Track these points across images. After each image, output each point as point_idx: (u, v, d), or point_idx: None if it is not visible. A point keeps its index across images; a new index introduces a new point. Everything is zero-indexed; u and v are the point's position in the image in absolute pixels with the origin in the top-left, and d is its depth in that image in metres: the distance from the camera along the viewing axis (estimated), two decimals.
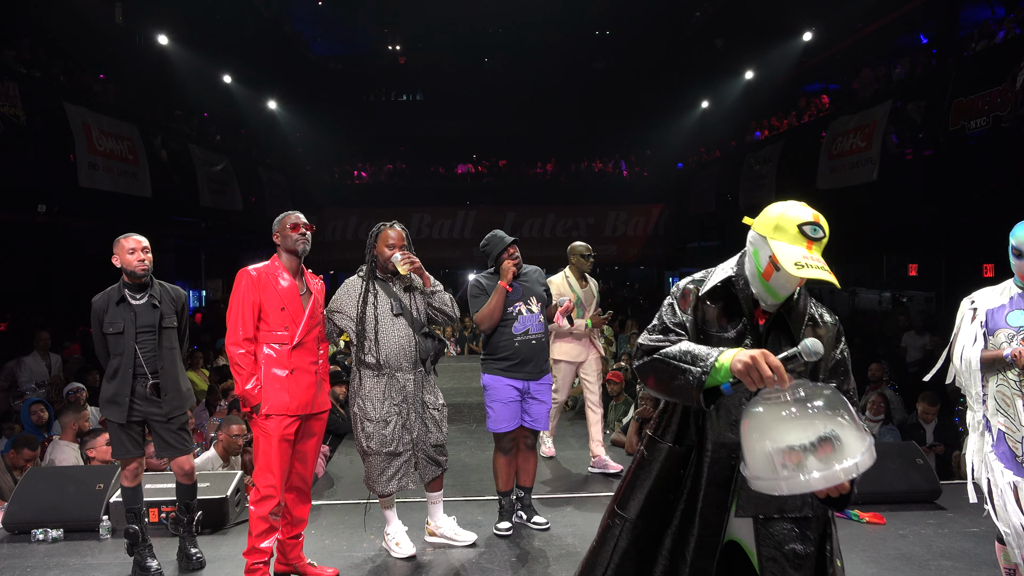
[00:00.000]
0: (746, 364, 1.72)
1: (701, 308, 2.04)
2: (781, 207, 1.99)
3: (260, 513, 3.31)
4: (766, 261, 1.93)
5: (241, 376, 3.35)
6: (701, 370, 1.81)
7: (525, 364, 4.10)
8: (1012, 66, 7.42)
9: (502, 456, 4.17)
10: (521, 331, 4.10)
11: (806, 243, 1.90)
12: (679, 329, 2.00)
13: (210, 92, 14.17)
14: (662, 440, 2.05)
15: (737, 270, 2.05)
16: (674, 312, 2.05)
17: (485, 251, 4.23)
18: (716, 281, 2.05)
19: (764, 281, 1.95)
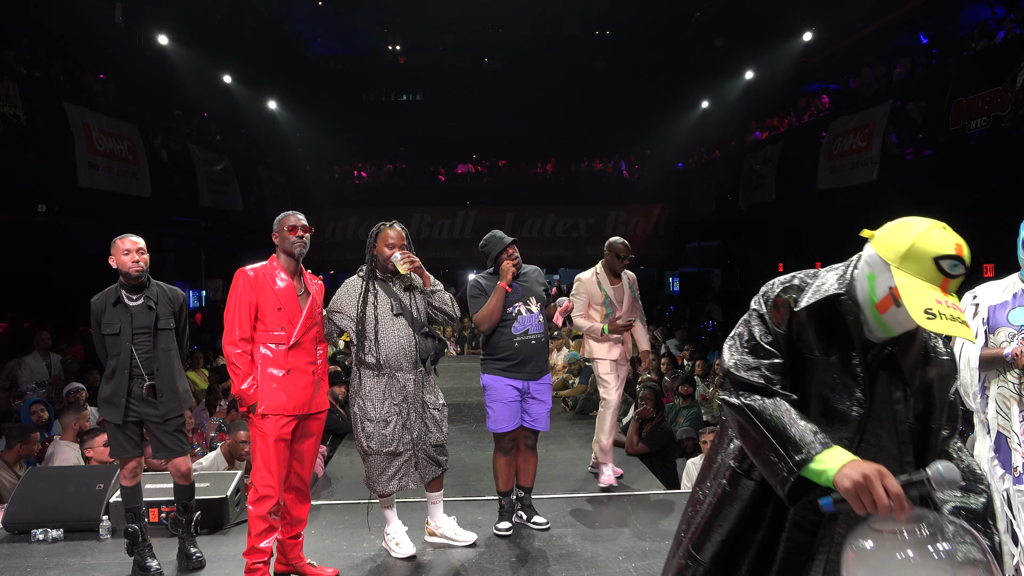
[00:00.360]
0: (856, 484, 1.42)
1: (796, 323, 1.69)
2: (916, 229, 1.58)
3: (259, 513, 3.31)
4: (884, 292, 1.57)
5: (237, 376, 3.35)
6: (794, 463, 1.52)
7: (525, 364, 4.08)
8: (1012, 66, 7.42)
9: (502, 456, 4.15)
10: (521, 331, 4.08)
11: (941, 280, 1.52)
12: (772, 348, 1.69)
13: (210, 92, 14.17)
14: (748, 476, 1.74)
15: (845, 288, 1.67)
16: (764, 324, 1.72)
17: (484, 251, 4.22)
18: (819, 297, 1.68)
19: (876, 312, 1.60)
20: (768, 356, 1.68)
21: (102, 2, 11.22)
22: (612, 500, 4.74)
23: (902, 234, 1.59)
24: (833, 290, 1.67)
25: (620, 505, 4.60)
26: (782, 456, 1.54)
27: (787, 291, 1.74)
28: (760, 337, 1.71)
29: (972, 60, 8.55)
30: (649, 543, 3.95)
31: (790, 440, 1.54)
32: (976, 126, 7.94)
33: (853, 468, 1.45)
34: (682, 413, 6.69)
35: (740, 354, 1.72)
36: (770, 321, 1.72)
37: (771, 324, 1.71)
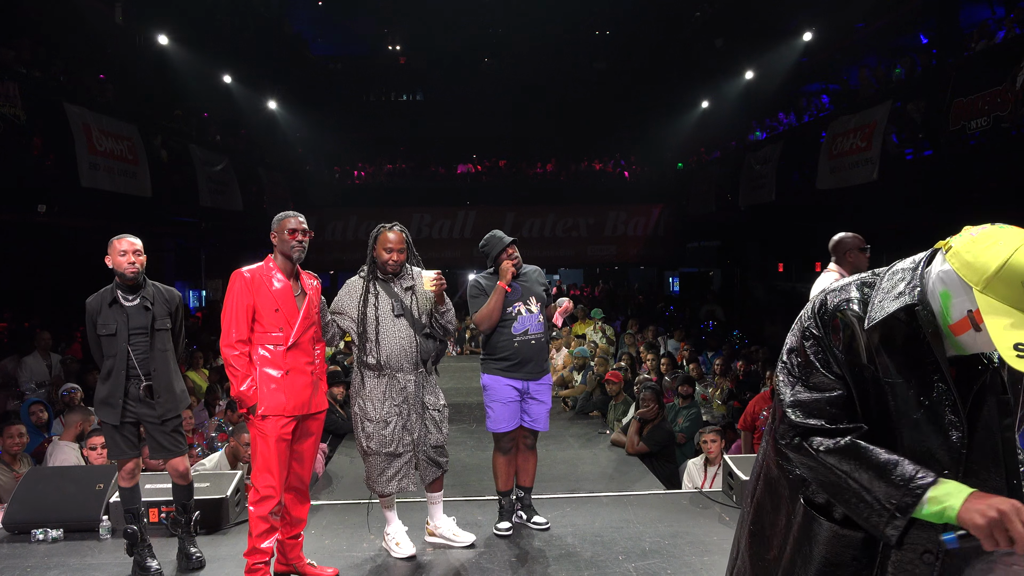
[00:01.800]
0: (991, 521, 1.26)
1: (867, 343, 1.45)
2: (1007, 246, 1.31)
3: (260, 513, 3.31)
4: (961, 315, 1.36)
5: (236, 378, 3.35)
6: (899, 507, 1.35)
7: (525, 364, 4.05)
8: (1012, 66, 7.41)
9: (502, 456, 4.14)
10: (520, 331, 4.05)
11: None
12: (834, 379, 1.47)
13: (210, 92, 14.18)
14: (828, 516, 1.51)
15: (918, 297, 1.42)
16: (823, 350, 1.49)
17: (484, 251, 4.20)
18: (890, 311, 1.43)
19: (950, 333, 1.39)
20: (830, 389, 1.47)
21: (102, 2, 11.24)
22: (612, 500, 4.74)
23: (989, 251, 1.31)
24: (906, 300, 1.43)
25: (620, 505, 4.60)
26: (880, 501, 1.37)
27: (847, 305, 1.48)
28: (820, 367, 1.48)
29: (972, 60, 8.55)
30: (649, 543, 3.95)
31: (886, 481, 1.36)
32: (976, 126, 7.94)
33: (981, 502, 1.29)
34: (682, 413, 6.69)
35: (798, 391, 1.50)
36: (830, 345, 1.48)
37: (832, 348, 1.48)
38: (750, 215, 14.11)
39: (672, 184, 19.32)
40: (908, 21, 11.66)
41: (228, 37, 14.26)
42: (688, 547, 3.87)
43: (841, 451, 1.43)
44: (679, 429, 6.46)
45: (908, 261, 1.51)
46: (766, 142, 13.92)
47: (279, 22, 17.17)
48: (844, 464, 1.42)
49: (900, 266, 1.51)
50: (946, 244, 1.42)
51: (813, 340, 1.51)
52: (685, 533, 4.07)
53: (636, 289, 20.65)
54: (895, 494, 1.36)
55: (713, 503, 4.60)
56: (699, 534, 4.07)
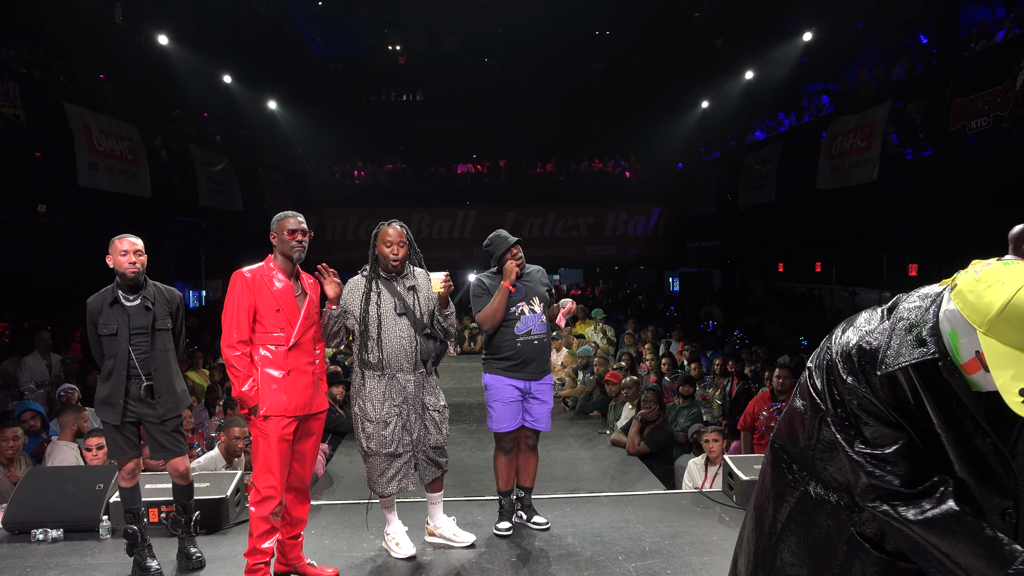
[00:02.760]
0: None
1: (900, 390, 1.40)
2: (1009, 287, 1.25)
3: (261, 514, 3.31)
4: (970, 355, 1.31)
5: (237, 378, 3.35)
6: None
7: (527, 364, 4.05)
8: (1012, 66, 7.41)
9: (503, 456, 4.13)
10: (523, 331, 4.04)
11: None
12: (897, 434, 1.40)
13: (210, 92, 14.18)
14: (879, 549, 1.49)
15: (937, 348, 1.37)
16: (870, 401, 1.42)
17: (488, 250, 4.18)
18: (917, 360, 1.37)
19: (963, 371, 1.34)
20: (893, 440, 1.40)
21: (102, 2, 11.23)
22: (612, 500, 4.74)
23: (991, 290, 1.26)
24: (924, 353, 1.36)
25: (620, 505, 4.60)
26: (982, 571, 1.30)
27: (873, 355, 1.41)
28: (874, 418, 1.41)
29: (972, 60, 8.55)
30: (649, 543, 3.95)
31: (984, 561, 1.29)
32: (976, 126, 7.94)
33: None
34: (682, 413, 6.69)
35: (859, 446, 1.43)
36: (875, 399, 1.41)
37: (879, 394, 1.41)
38: (750, 215, 14.11)
39: (672, 184, 19.32)
40: (908, 21, 11.67)
41: (228, 37, 14.25)
42: (688, 547, 3.87)
43: (934, 523, 1.35)
44: (679, 429, 6.46)
45: (916, 297, 1.45)
46: (766, 142, 13.92)
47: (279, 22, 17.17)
48: (936, 538, 1.35)
49: (908, 304, 1.45)
50: (952, 281, 1.37)
51: (854, 389, 1.44)
52: (685, 533, 4.07)
53: (635, 289, 20.65)
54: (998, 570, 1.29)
55: (713, 503, 4.59)
56: (699, 534, 4.07)
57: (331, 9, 18.54)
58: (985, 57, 8.31)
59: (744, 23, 14.41)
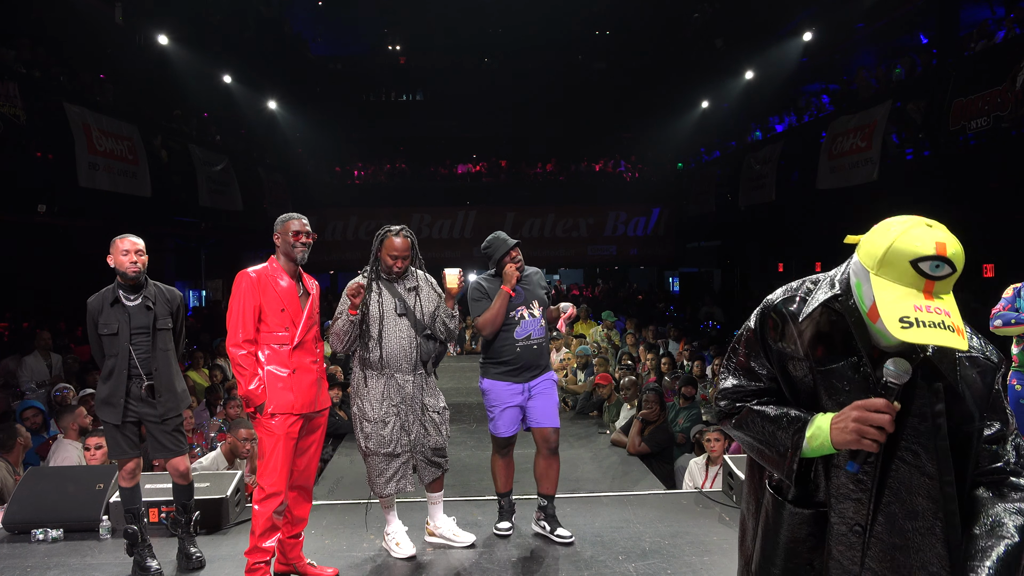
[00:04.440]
0: (856, 431, 1.42)
1: (801, 336, 1.57)
2: (894, 230, 1.44)
3: (265, 512, 3.31)
4: (870, 301, 1.45)
5: (244, 377, 3.36)
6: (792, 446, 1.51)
7: (526, 370, 3.97)
8: (1012, 66, 7.42)
9: (500, 459, 4.09)
10: (523, 336, 3.96)
11: (924, 284, 1.39)
12: (762, 368, 1.63)
13: (210, 92, 14.18)
14: (785, 499, 1.62)
15: (842, 289, 1.56)
16: (754, 344, 1.64)
17: (487, 253, 4.12)
18: (816, 304, 1.57)
19: (870, 322, 1.48)
20: (755, 379, 1.64)
21: (102, 2, 11.24)
22: (612, 500, 4.74)
23: (880, 237, 1.46)
24: (830, 293, 1.56)
25: (620, 505, 4.60)
26: (781, 452, 1.54)
27: (787, 304, 1.62)
28: (751, 360, 1.64)
29: (972, 60, 8.55)
30: (649, 543, 3.95)
31: (781, 430, 1.53)
32: (976, 126, 7.95)
33: (839, 422, 1.45)
34: (682, 413, 6.69)
35: (729, 380, 1.68)
36: (769, 340, 1.61)
37: (769, 342, 1.61)
38: (750, 215, 14.11)
39: (672, 184, 19.31)
40: (908, 21, 11.67)
41: (228, 37, 14.26)
42: (688, 547, 3.87)
43: (743, 419, 1.61)
44: (679, 429, 6.46)
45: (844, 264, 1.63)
46: (766, 142, 13.92)
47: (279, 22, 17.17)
48: (747, 429, 1.60)
49: (837, 268, 1.63)
50: (856, 239, 1.55)
51: (748, 335, 1.66)
52: (685, 533, 4.07)
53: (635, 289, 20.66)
54: (783, 446, 1.53)
55: (713, 503, 4.59)
56: (699, 534, 4.07)
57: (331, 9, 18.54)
58: (985, 57, 8.32)
59: (744, 23, 14.41)
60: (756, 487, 1.73)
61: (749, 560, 1.71)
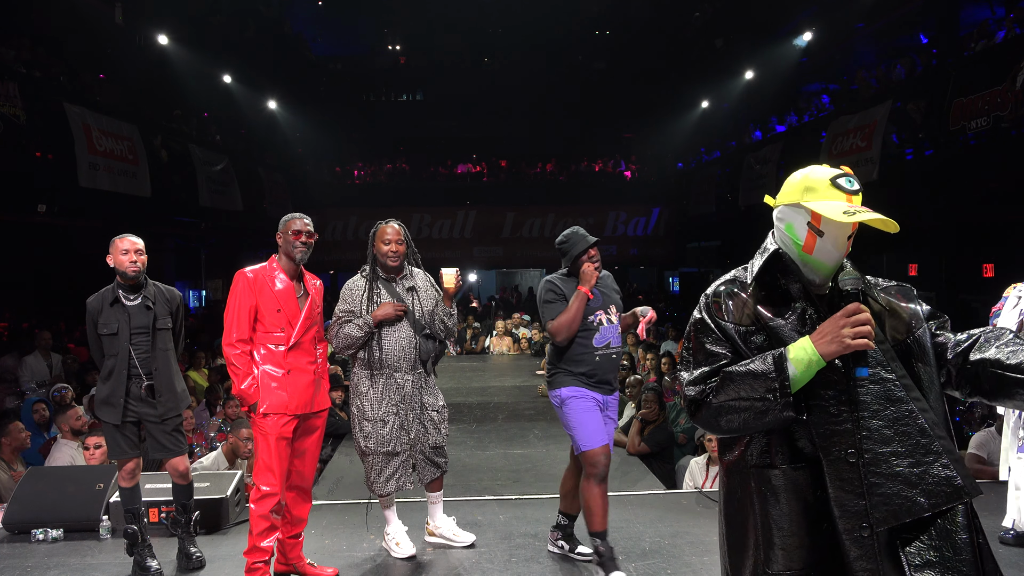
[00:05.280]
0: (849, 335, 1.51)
1: (750, 303, 1.71)
2: (802, 172, 1.75)
3: (261, 512, 3.31)
4: (804, 230, 1.68)
5: (237, 376, 3.36)
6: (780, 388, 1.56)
7: (604, 382, 3.55)
8: (1012, 66, 7.42)
9: (595, 485, 3.42)
10: (602, 344, 3.54)
11: (845, 197, 1.66)
12: (721, 347, 1.70)
13: (210, 92, 14.18)
14: (773, 466, 1.65)
15: (777, 244, 1.77)
16: (708, 328, 1.73)
17: (561, 248, 3.76)
18: (762, 262, 1.75)
19: (807, 256, 1.69)
20: (718, 358, 1.69)
21: (102, 2, 11.24)
22: (612, 500, 4.72)
23: (794, 179, 1.73)
24: (769, 250, 1.75)
25: (620, 505, 4.60)
26: (768, 398, 1.57)
27: (724, 285, 1.77)
28: (707, 343, 1.71)
29: (972, 60, 8.56)
30: (649, 543, 3.95)
31: (759, 380, 1.58)
32: (976, 126, 7.95)
33: (822, 336, 1.56)
34: (682, 414, 6.69)
35: (692, 372, 1.72)
36: (713, 321, 1.72)
37: (721, 323, 1.71)
38: (750, 215, 14.11)
39: (672, 184, 19.32)
40: (908, 21, 11.67)
41: (228, 37, 14.26)
42: (688, 547, 3.87)
43: (720, 386, 1.65)
44: (680, 429, 6.45)
45: None
46: (766, 142, 13.93)
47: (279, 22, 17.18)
48: (728, 393, 1.63)
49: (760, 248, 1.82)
50: (770, 202, 1.80)
51: (698, 324, 1.75)
52: (685, 533, 4.07)
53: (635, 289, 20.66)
54: (770, 383, 1.57)
55: (713, 503, 4.59)
56: (699, 534, 4.06)
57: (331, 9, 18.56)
58: (985, 57, 8.32)
59: (744, 23, 14.42)
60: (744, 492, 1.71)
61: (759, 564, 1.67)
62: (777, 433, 1.65)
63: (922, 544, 1.56)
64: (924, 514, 1.55)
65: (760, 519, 1.66)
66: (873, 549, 1.55)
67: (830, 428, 1.59)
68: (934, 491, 1.55)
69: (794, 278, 1.71)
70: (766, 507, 1.65)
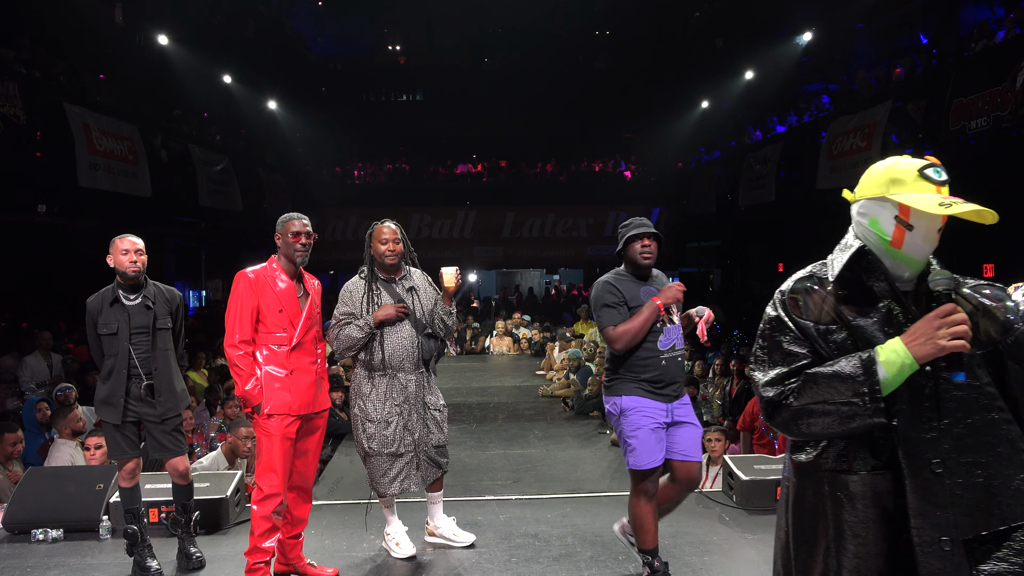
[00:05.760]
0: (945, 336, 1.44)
1: (830, 302, 1.63)
2: (884, 163, 1.66)
3: (263, 513, 3.31)
4: (891, 224, 1.60)
5: (241, 377, 3.36)
6: (870, 392, 1.48)
7: (671, 385, 3.30)
8: (1012, 66, 7.42)
9: (646, 503, 3.24)
10: (667, 346, 3.30)
11: (934, 188, 1.59)
12: (800, 347, 1.62)
13: (210, 92, 14.17)
14: (852, 471, 1.58)
15: (861, 242, 1.66)
16: (785, 327, 1.64)
17: (619, 232, 3.56)
18: (846, 259, 1.65)
19: (895, 251, 1.61)
20: (796, 359, 1.62)
21: (102, 2, 11.24)
22: (612, 500, 4.74)
23: (876, 172, 1.66)
24: (855, 244, 1.66)
25: (620, 505, 4.60)
26: (855, 402, 1.50)
27: (803, 282, 1.68)
28: (786, 344, 1.63)
29: (972, 60, 8.55)
30: None
31: (845, 383, 1.51)
32: (976, 126, 7.95)
33: (915, 338, 1.49)
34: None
35: (768, 372, 1.64)
36: (797, 318, 1.64)
37: (799, 321, 1.63)
38: (750, 215, 14.11)
39: (672, 184, 19.31)
40: (908, 21, 11.67)
41: (228, 37, 14.25)
42: (688, 547, 3.87)
43: (801, 388, 1.57)
44: None
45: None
46: (766, 142, 13.92)
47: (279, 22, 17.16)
48: (810, 396, 1.56)
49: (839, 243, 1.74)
50: (849, 196, 1.72)
51: (773, 322, 1.67)
52: (685, 533, 4.07)
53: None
54: (858, 386, 1.50)
55: (713, 503, 4.59)
56: (699, 534, 4.07)
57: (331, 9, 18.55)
58: (985, 57, 8.32)
59: (744, 23, 14.41)
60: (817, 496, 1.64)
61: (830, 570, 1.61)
62: (856, 437, 1.57)
63: (997, 558, 1.51)
64: (1001, 527, 1.51)
65: (833, 525, 1.60)
66: (952, 562, 1.50)
67: (915, 435, 1.53)
68: (1013, 504, 1.51)
69: (879, 275, 1.62)
70: (840, 513, 1.58)
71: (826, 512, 1.61)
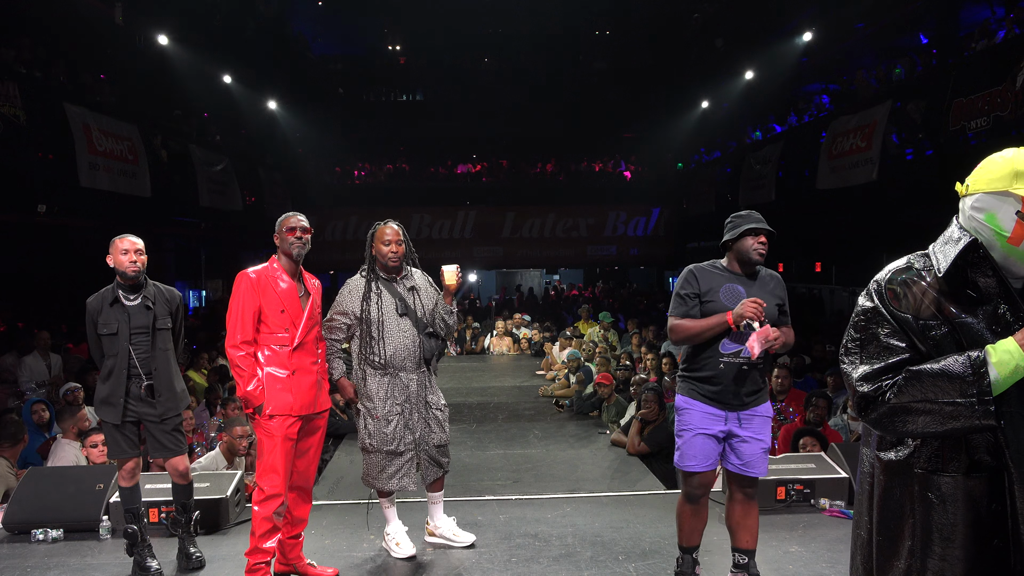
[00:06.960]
0: None
1: (917, 299, 1.57)
2: (1005, 156, 1.57)
3: (264, 513, 3.31)
4: (1013, 220, 1.51)
5: (242, 378, 3.36)
6: (979, 391, 1.43)
7: (732, 393, 3.11)
8: (1012, 66, 7.41)
9: (688, 504, 3.23)
10: (730, 351, 3.10)
11: None
12: (899, 340, 1.55)
13: (210, 92, 14.17)
14: (945, 472, 1.53)
15: (972, 236, 1.58)
16: (883, 319, 1.57)
17: (730, 224, 3.27)
18: (958, 251, 1.57)
19: (1013, 248, 1.52)
20: (894, 353, 1.55)
21: (102, 2, 11.23)
22: (612, 500, 4.74)
23: (996, 164, 1.56)
24: (966, 238, 1.57)
25: (620, 505, 4.60)
26: (962, 402, 1.44)
27: (902, 273, 1.61)
28: (884, 337, 1.56)
29: (972, 60, 8.55)
30: (649, 543, 3.95)
31: (952, 382, 1.45)
32: (976, 126, 7.94)
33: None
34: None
35: (862, 367, 1.58)
36: (896, 310, 1.56)
37: (898, 313, 1.56)
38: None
39: (672, 184, 19.31)
40: (908, 21, 11.66)
41: (228, 37, 14.24)
42: None
43: (903, 385, 1.50)
44: None
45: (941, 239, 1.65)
46: (766, 142, 13.92)
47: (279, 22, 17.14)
48: (912, 393, 1.49)
49: (941, 236, 1.65)
50: (961, 189, 1.63)
51: (869, 313, 1.60)
52: None
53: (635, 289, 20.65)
54: (966, 387, 1.44)
55: (713, 503, 4.59)
56: None
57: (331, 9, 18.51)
58: (985, 57, 8.31)
59: (744, 23, 14.40)
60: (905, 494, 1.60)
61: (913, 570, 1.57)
62: (951, 438, 1.52)
63: None
64: None
65: (921, 525, 1.55)
66: None
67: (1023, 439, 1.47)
68: None
69: (989, 271, 1.55)
70: (929, 513, 1.54)
71: (914, 512, 1.57)
